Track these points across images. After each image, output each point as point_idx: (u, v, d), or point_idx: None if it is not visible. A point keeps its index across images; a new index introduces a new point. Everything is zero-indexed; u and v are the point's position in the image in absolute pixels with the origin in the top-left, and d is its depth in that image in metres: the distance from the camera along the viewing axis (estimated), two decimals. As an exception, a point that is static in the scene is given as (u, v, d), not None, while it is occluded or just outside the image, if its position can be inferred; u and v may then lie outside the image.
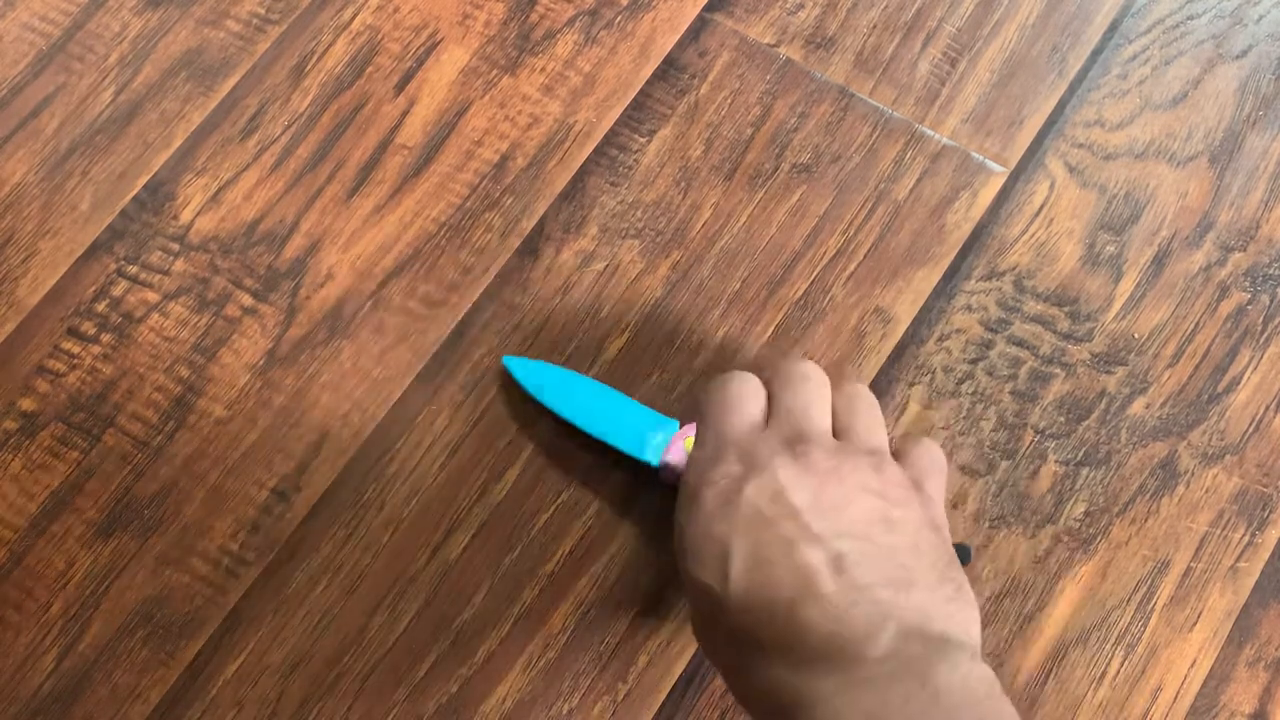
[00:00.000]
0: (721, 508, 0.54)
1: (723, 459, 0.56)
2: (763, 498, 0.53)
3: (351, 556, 0.65)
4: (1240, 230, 0.71)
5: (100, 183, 0.71)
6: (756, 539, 0.52)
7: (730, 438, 0.56)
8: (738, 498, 0.54)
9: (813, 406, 0.57)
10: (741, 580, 0.52)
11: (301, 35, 0.74)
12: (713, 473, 0.55)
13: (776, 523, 0.52)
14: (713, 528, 0.53)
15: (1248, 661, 0.63)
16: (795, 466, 0.54)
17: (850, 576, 0.51)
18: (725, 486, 0.54)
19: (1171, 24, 0.75)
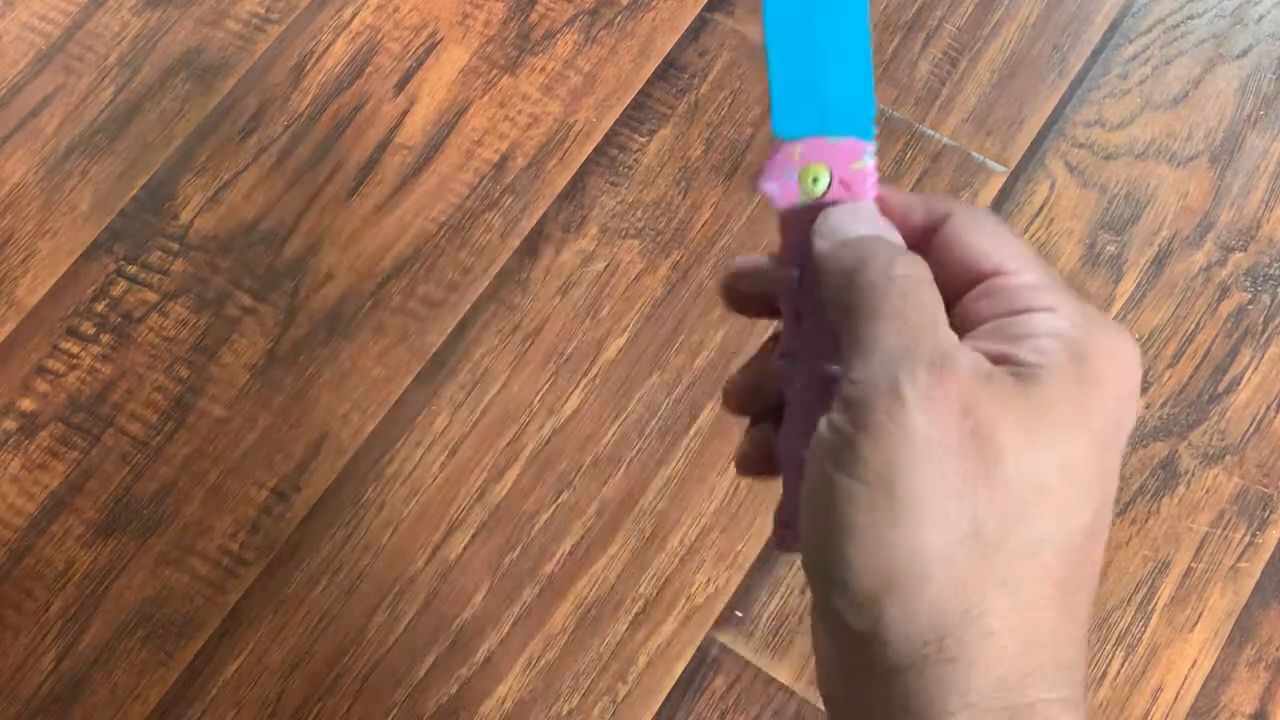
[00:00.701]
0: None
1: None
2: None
3: (351, 556, 0.64)
4: (1241, 230, 0.70)
5: (100, 183, 0.71)
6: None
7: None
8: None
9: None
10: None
11: (301, 35, 0.74)
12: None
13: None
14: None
15: (1248, 662, 0.63)
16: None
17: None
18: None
19: (1172, 24, 0.75)
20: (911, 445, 0.34)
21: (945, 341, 0.35)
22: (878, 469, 0.34)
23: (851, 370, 0.36)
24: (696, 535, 0.65)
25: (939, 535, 0.34)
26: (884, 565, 0.34)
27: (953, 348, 0.35)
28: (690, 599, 0.64)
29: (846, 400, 0.35)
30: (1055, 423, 0.35)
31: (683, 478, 0.66)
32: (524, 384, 0.67)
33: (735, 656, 0.63)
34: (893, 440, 0.34)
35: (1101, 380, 0.36)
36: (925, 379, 0.34)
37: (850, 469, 0.34)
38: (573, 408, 0.67)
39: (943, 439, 0.34)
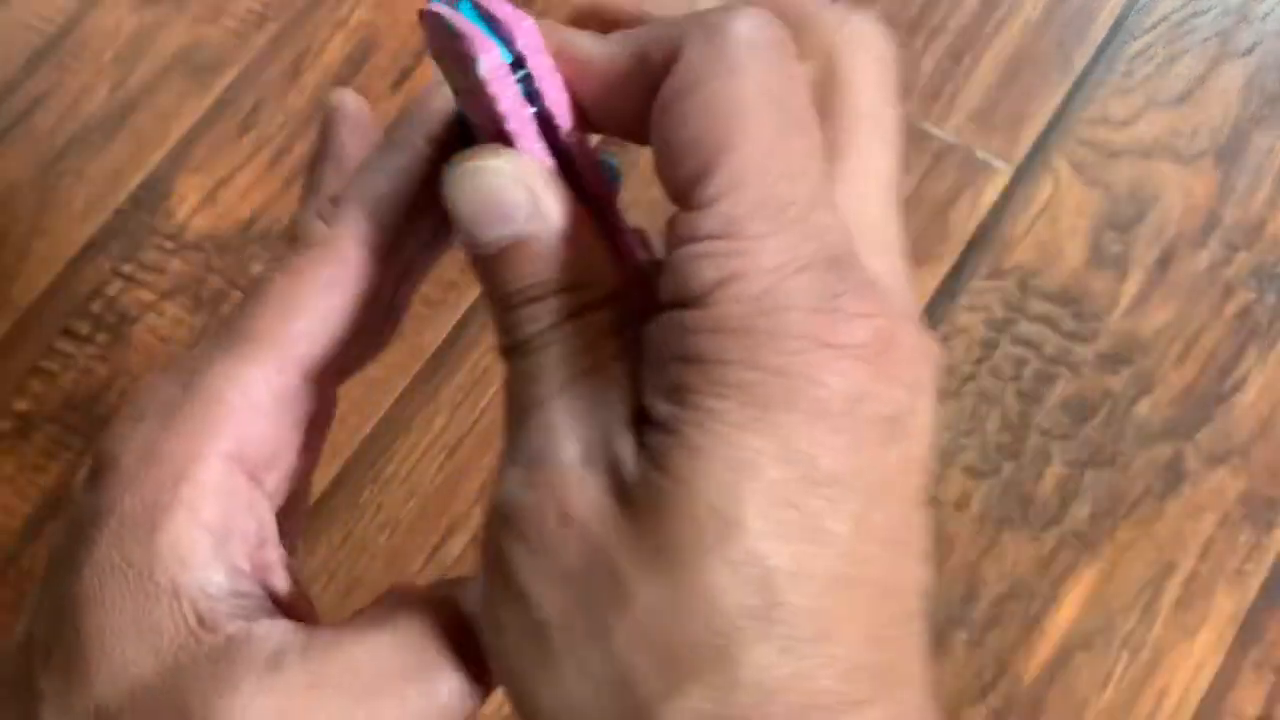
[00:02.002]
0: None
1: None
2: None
3: (348, 559, 0.64)
4: (1246, 229, 0.70)
5: (95, 181, 0.71)
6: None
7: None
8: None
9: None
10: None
11: (298, 32, 0.74)
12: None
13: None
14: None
15: (1254, 664, 0.63)
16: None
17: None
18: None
19: (1176, 20, 0.75)
20: (518, 584, 0.27)
21: (543, 422, 0.27)
22: (507, 615, 0.28)
23: (504, 468, 0.28)
24: (697, 537, 0.64)
25: (584, 686, 0.26)
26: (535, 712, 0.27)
27: (545, 430, 0.27)
28: (691, 601, 0.63)
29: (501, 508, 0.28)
30: (682, 526, 0.25)
31: (683, 479, 0.65)
32: (523, 384, 0.67)
33: (736, 660, 0.62)
34: (502, 581, 0.28)
35: (745, 461, 0.24)
36: (515, 492, 0.27)
37: (491, 614, 0.28)
38: (572, 408, 0.67)
39: (546, 570, 0.27)
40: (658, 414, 0.25)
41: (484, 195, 0.29)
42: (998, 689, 0.62)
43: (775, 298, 0.24)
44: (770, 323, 0.24)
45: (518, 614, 0.26)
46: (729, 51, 0.26)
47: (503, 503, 0.27)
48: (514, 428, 0.27)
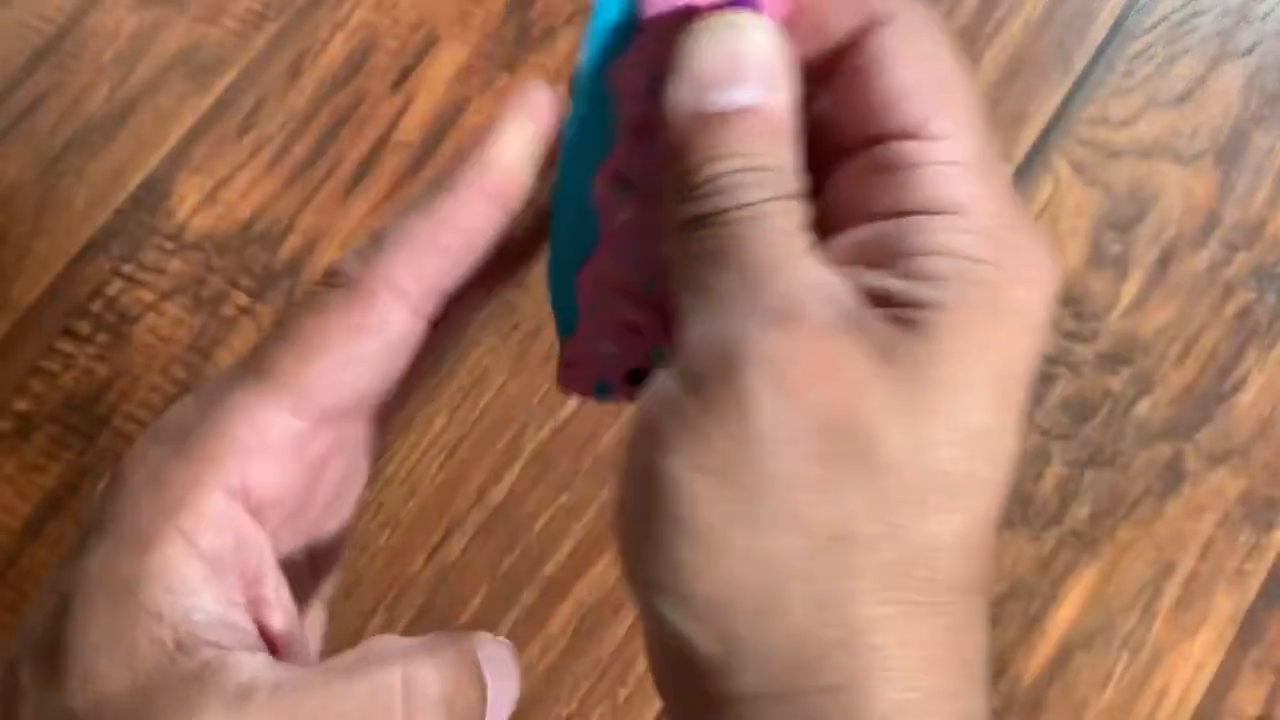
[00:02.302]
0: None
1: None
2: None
3: (348, 558, 0.64)
4: (1246, 229, 0.70)
5: (95, 181, 0.71)
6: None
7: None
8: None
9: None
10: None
11: (298, 32, 0.74)
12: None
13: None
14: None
15: (1254, 664, 0.63)
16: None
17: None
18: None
19: (1176, 20, 0.75)
20: (757, 426, 0.26)
21: (795, 280, 0.27)
22: (723, 454, 0.27)
23: (686, 326, 0.28)
24: (697, 537, 0.64)
25: (798, 541, 0.26)
26: (731, 573, 0.27)
27: (804, 289, 0.27)
28: (691, 601, 0.63)
29: (682, 367, 0.28)
30: (949, 386, 0.27)
31: (683, 479, 0.65)
32: (523, 384, 0.67)
33: (736, 659, 0.62)
34: (736, 420, 0.26)
35: (1009, 313, 0.28)
36: (766, 339, 0.26)
37: (687, 453, 0.27)
38: (572, 408, 0.67)
39: (797, 418, 0.26)
40: (911, 296, 0.27)
41: (730, 54, 0.28)
42: (998, 689, 0.62)
43: (1008, 217, 0.28)
44: (1012, 237, 0.28)
45: (751, 460, 0.26)
46: (934, 26, 0.30)
47: (751, 347, 0.26)
48: (751, 282, 0.27)
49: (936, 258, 0.27)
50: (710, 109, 0.28)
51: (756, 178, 0.28)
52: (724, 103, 0.28)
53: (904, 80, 0.29)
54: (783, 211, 0.28)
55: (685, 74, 0.29)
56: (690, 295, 0.28)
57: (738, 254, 0.27)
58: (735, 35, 0.28)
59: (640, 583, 0.28)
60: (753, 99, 0.28)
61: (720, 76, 0.28)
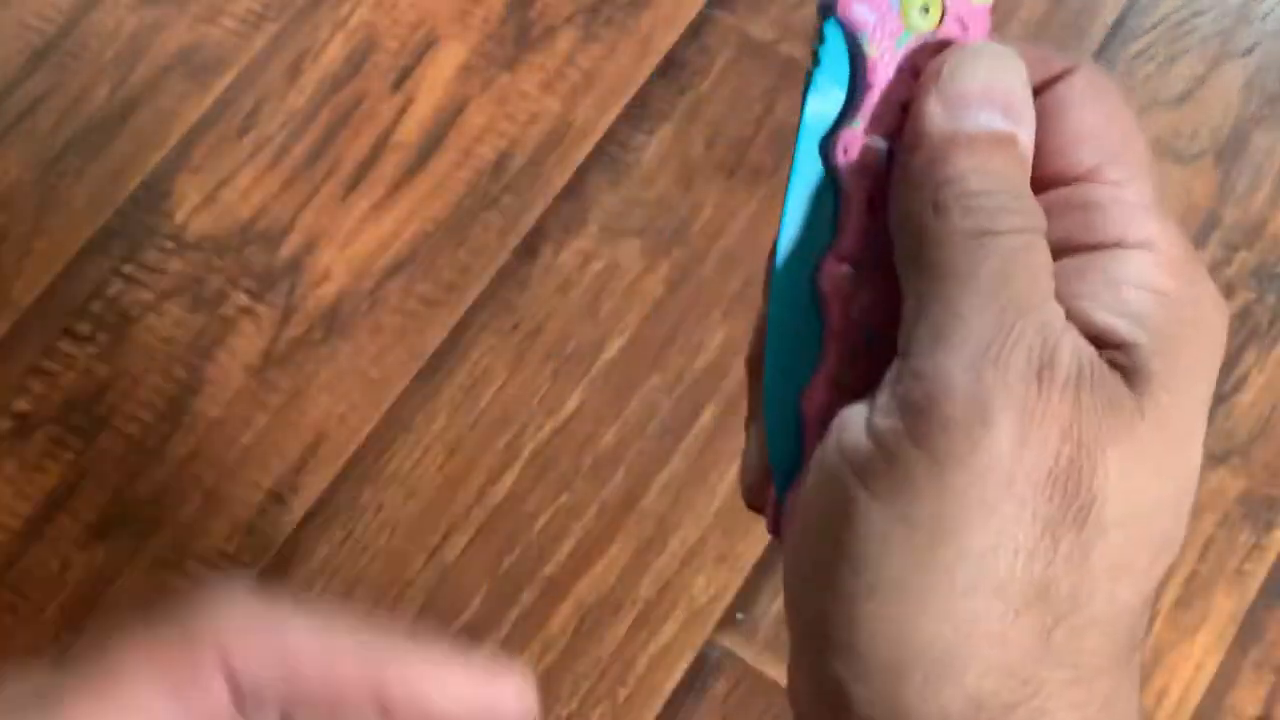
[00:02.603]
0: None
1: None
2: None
3: (348, 559, 0.64)
4: (1246, 229, 0.70)
5: (95, 181, 0.71)
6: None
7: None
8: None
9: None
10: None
11: (298, 32, 0.74)
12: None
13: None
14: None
15: (1253, 664, 0.63)
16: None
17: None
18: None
19: (1176, 20, 0.75)
20: (989, 482, 0.24)
21: (1051, 326, 0.25)
22: (933, 507, 0.24)
23: (916, 354, 0.26)
24: (697, 537, 0.64)
25: (997, 604, 0.24)
26: (914, 635, 0.25)
27: (1059, 335, 0.25)
28: (691, 601, 0.64)
29: (904, 399, 0.25)
30: (1164, 441, 0.26)
31: (683, 479, 0.65)
32: (523, 384, 0.67)
33: (736, 660, 0.63)
34: (964, 471, 0.24)
35: (1198, 362, 0.27)
36: (1023, 389, 0.25)
37: (890, 497, 0.25)
38: (572, 408, 0.67)
39: (1032, 475, 0.24)
40: (1123, 336, 0.26)
41: (993, 79, 0.28)
42: (997, 689, 0.62)
43: (1189, 255, 0.28)
44: (1195, 272, 0.27)
45: (965, 516, 0.25)
46: (1110, 80, 0.30)
47: (1004, 392, 0.25)
48: (1011, 319, 0.25)
49: (1136, 292, 0.26)
50: (972, 129, 0.27)
51: (1021, 205, 0.27)
52: (986, 124, 0.27)
53: (1085, 126, 0.28)
54: (1042, 247, 0.27)
55: (946, 91, 0.27)
56: (921, 311, 0.26)
57: (1002, 281, 0.25)
58: (999, 63, 0.28)
59: (809, 633, 0.26)
60: (1010, 128, 0.27)
61: (984, 99, 0.28)
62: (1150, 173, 0.28)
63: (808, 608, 0.26)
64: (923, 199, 0.27)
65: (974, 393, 0.24)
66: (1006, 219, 0.26)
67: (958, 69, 0.28)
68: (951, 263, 0.26)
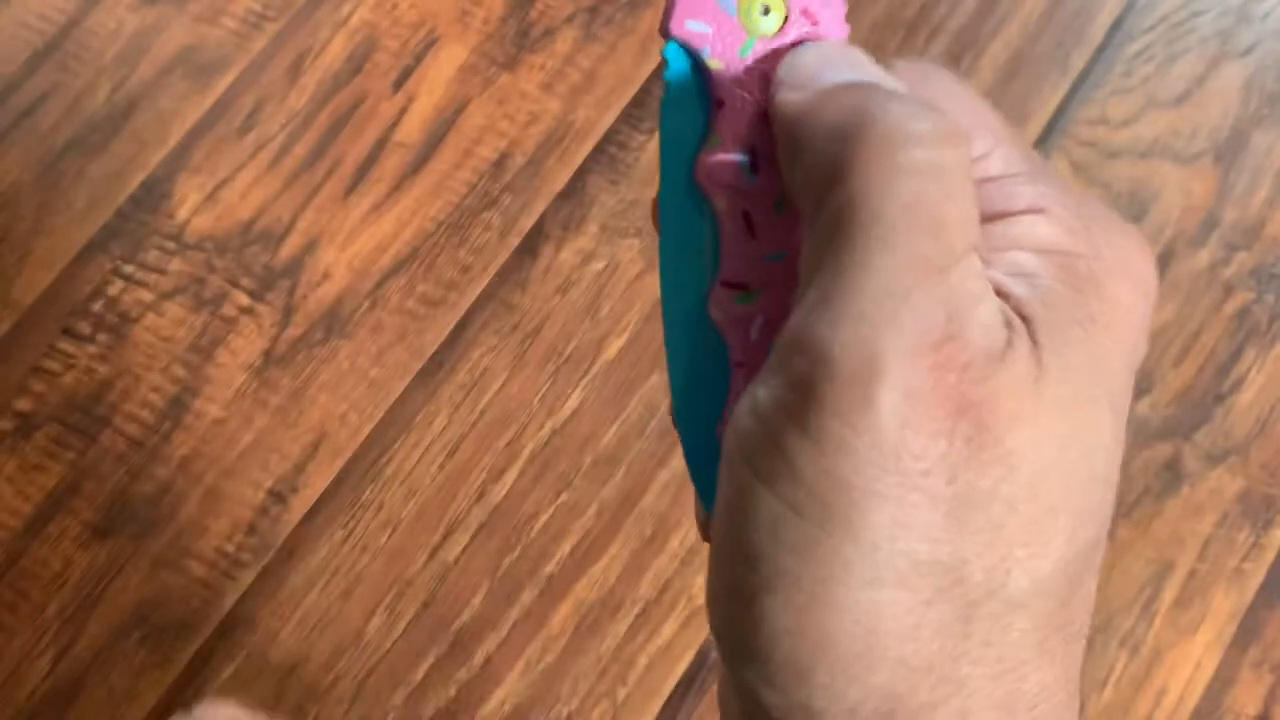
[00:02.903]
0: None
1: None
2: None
3: (349, 558, 0.64)
4: (1245, 229, 0.70)
5: (96, 181, 0.71)
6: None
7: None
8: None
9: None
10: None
11: (299, 32, 0.74)
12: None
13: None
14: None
15: (1252, 663, 0.63)
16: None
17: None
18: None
19: (1176, 20, 0.75)
20: (879, 465, 0.22)
21: (960, 291, 0.23)
22: (820, 492, 0.22)
23: (798, 318, 0.23)
24: (697, 536, 0.64)
25: (903, 594, 0.22)
26: (817, 633, 0.22)
27: (966, 303, 0.22)
28: (690, 601, 0.64)
29: (783, 371, 0.23)
30: (1069, 400, 0.23)
31: (683, 478, 0.65)
32: (523, 384, 0.67)
33: (736, 659, 0.62)
34: (850, 454, 0.22)
35: (1113, 310, 0.24)
36: (919, 363, 0.22)
37: (776, 483, 0.22)
38: (573, 408, 0.67)
39: (923, 458, 0.22)
40: (1017, 298, 0.24)
41: (831, 51, 0.26)
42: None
43: (1092, 213, 0.25)
44: (1102, 231, 0.25)
45: (855, 503, 0.22)
46: (938, 70, 0.27)
47: (894, 367, 0.22)
48: (909, 276, 0.22)
49: (1030, 256, 0.24)
50: (826, 85, 0.25)
51: (934, 123, 0.23)
52: (840, 79, 0.25)
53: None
54: (962, 172, 0.23)
55: (789, 77, 0.25)
56: (815, 271, 0.23)
57: (906, 227, 0.22)
58: (831, 44, 0.26)
59: (721, 638, 0.24)
60: (865, 78, 0.25)
61: (827, 64, 0.25)
62: (1013, 138, 0.26)
63: (717, 612, 0.24)
64: (810, 158, 0.24)
65: (855, 369, 0.22)
66: (915, 124, 0.23)
67: (794, 57, 0.26)
68: (848, 209, 0.23)
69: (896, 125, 0.23)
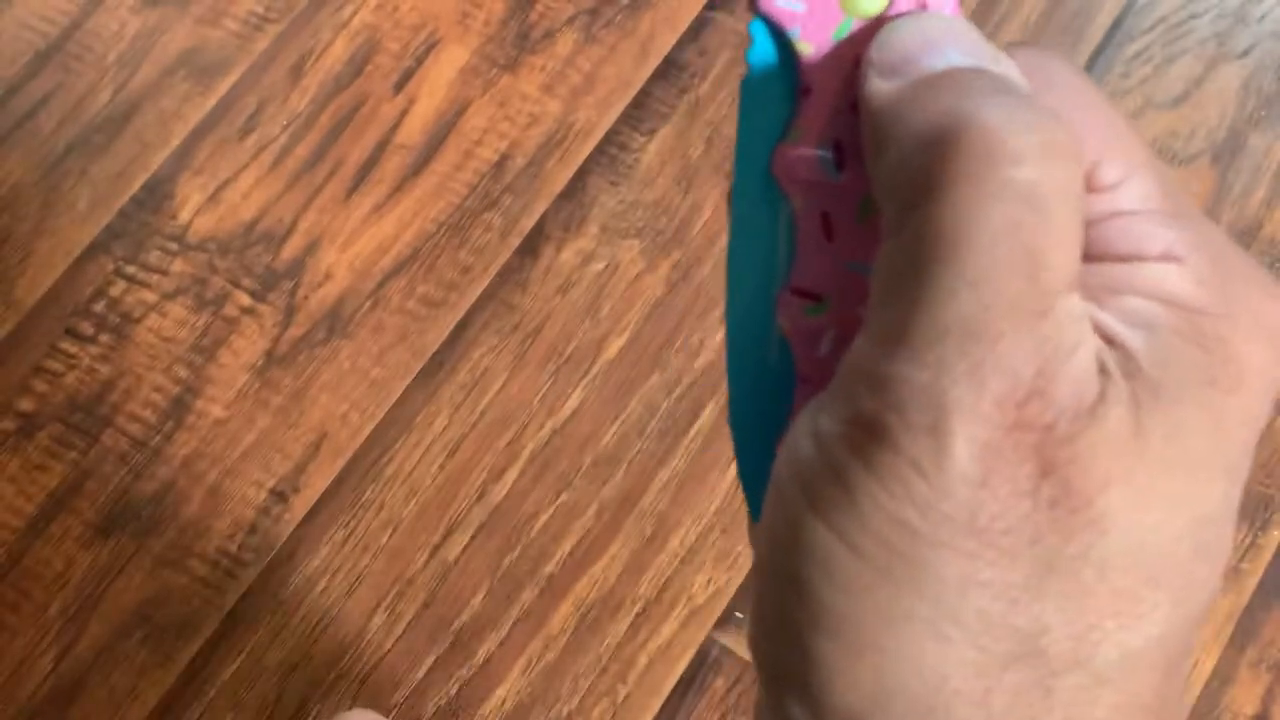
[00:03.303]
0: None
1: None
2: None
3: (350, 558, 0.64)
4: (1243, 230, 0.70)
5: (98, 182, 0.71)
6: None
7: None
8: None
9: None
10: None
11: (300, 34, 0.74)
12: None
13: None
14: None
15: (1250, 663, 0.63)
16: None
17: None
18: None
19: (1174, 22, 0.75)
20: (952, 519, 0.20)
21: (1054, 342, 0.20)
22: (883, 535, 0.20)
23: (870, 346, 0.21)
24: (697, 536, 0.65)
25: (973, 654, 0.20)
26: (874, 684, 0.21)
27: (1063, 358, 0.20)
28: (690, 600, 0.64)
29: (850, 401, 0.21)
30: (1177, 463, 0.21)
31: (683, 478, 0.65)
32: (524, 384, 0.67)
33: (736, 658, 0.63)
34: (919, 503, 0.20)
35: (1240, 374, 0.21)
36: (1000, 419, 0.20)
37: (835, 518, 0.21)
38: (573, 408, 0.67)
39: (1002, 517, 0.20)
40: (1131, 347, 0.21)
41: (929, 27, 0.22)
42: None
43: (1231, 265, 0.22)
44: (1239, 287, 0.22)
45: (922, 555, 0.20)
46: (1067, 67, 0.24)
47: (967, 416, 0.20)
48: (998, 316, 0.20)
49: (1155, 305, 0.21)
50: (923, 73, 0.22)
51: (1046, 134, 0.20)
52: (941, 64, 0.22)
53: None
54: (1071, 196, 0.20)
55: (881, 61, 0.22)
56: (889, 302, 0.21)
57: (998, 262, 0.20)
58: (934, 18, 0.23)
59: (768, 670, 0.23)
60: (975, 62, 0.22)
61: (927, 46, 0.22)
62: (1149, 163, 0.23)
63: (762, 639, 0.23)
64: (896, 162, 0.21)
65: (930, 419, 0.20)
66: (1020, 136, 0.20)
67: (888, 34, 0.22)
68: (938, 226, 0.20)
69: (997, 136, 0.20)
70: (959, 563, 0.20)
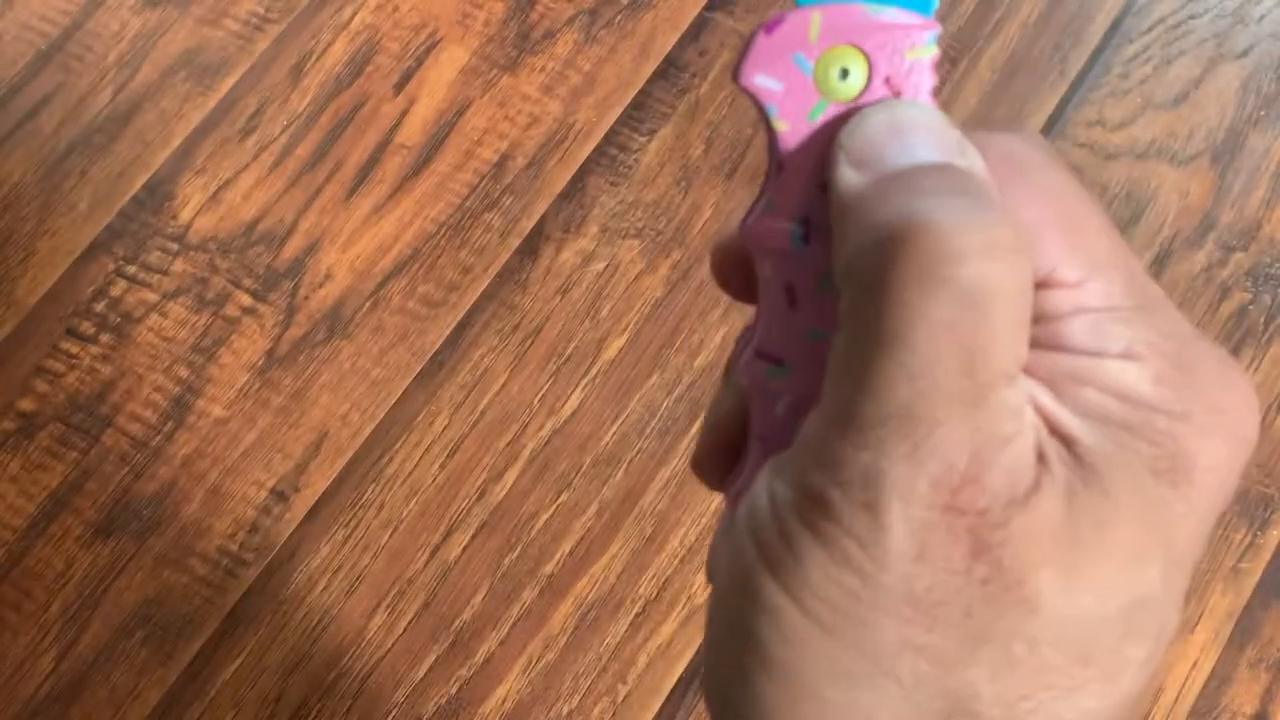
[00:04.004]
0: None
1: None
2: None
3: (350, 557, 0.64)
4: (1242, 230, 0.70)
5: (99, 182, 0.71)
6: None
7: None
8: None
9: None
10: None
11: (301, 34, 0.74)
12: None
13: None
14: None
15: (1249, 662, 0.63)
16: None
17: None
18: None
19: (1173, 23, 0.75)
20: (889, 589, 0.21)
21: (988, 433, 0.21)
22: (827, 597, 0.22)
23: (829, 433, 0.22)
24: (697, 536, 0.65)
25: (907, 709, 0.22)
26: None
27: (994, 443, 0.21)
28: (690, 600, 0.64)
29: (806, 480, 0.22)
30: (1113, 554, 0.22)
31: (683, 478, 0.66)
32: (524, 384, 0.67)
33: (735, 657, 0.63)
34: (859, 571, 0.22)
35: (1189, 468, 0.22)
36: (935, 500, 0.21)
37: (787, 581, 0.22)
38: (573, 408, 0.67)
39: (940, 588, 0.21)
40: (1082, 441, 0.22)
41: (899, 119, 0.23)
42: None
43: (1191, 360, 0.23)
44: (1198, 383, 0.23)
45: (864, 619, 0.22)
46: (1043, 152, 0.24)
47: (904, 492, 0.21)
48: (942, 400, 0.21)
49: (1110, 400, 0.22)
50: (892, 168, 0.23)
51: (994, 234, 0.21)
52: (906, 160, 0.23)
53: (1020, 215, 0.23)
54: (1018, 286, 0.21)
55: (851, 149, 0.23)
56: (842, 380, 0.22)
57: (934, 352, 0.21)
58: (904, 107, 0.24)
59: (718, 707, 0.24)
60: (939, 157, 0.23)
61: (897, 137, 0.23)
62: (1117, 255, 0.23)
63: (713, 680, 0.24)
64: (854, 251, 0.22)
65: (869, 497, 0.21)
66: (965, 236, 0.21)
67: (859, 123, 0.24)
68: (884, 319, 0.21)
69: (943, 236, 0.21)
70: (896, 627, 0.22)
